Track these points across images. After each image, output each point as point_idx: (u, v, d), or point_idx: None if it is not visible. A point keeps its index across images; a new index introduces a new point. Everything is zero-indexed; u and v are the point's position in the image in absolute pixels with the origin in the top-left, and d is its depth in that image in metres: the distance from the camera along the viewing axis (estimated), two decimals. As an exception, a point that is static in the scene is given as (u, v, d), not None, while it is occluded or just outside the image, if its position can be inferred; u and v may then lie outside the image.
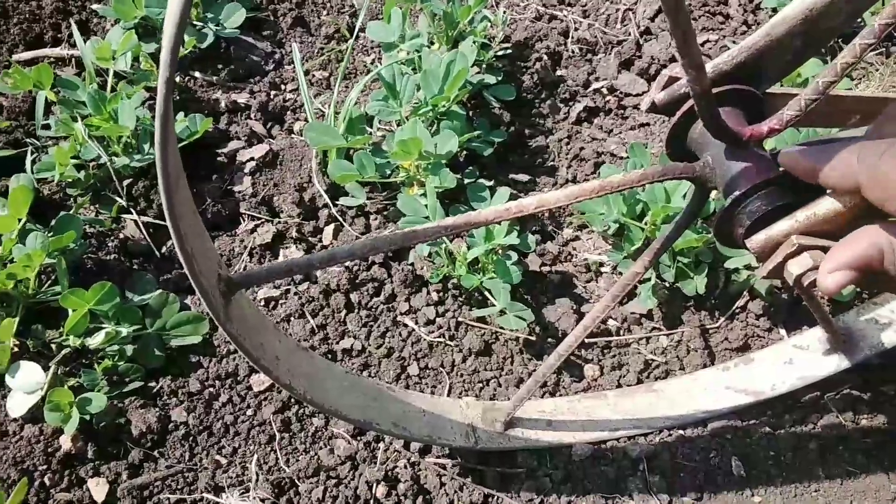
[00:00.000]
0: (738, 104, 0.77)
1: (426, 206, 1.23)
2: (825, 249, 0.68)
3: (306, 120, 1.44)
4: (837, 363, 1.14)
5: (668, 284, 1.24)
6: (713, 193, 0.89)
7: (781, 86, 0.89)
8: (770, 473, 1.10)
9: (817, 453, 1.12)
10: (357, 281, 1.23)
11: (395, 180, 1.32)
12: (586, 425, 1.13)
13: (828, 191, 0.69)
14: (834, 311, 1.23)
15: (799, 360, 1.16)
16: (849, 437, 1.14)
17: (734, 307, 1.26)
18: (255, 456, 1.04)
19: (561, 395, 1.17)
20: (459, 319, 1.21)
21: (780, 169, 0.72)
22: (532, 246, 1.28)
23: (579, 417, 1.13)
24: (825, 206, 0.68)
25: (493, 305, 1.18)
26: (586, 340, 1.21)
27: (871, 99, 0.96)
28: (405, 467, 1.04)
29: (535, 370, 1.19)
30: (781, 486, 1.09)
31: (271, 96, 1.53)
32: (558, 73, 1.65)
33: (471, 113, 1.50)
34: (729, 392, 1.16)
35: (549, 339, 1.21)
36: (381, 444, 1.07)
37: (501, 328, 1.19)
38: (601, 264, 1.30)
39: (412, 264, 1.25)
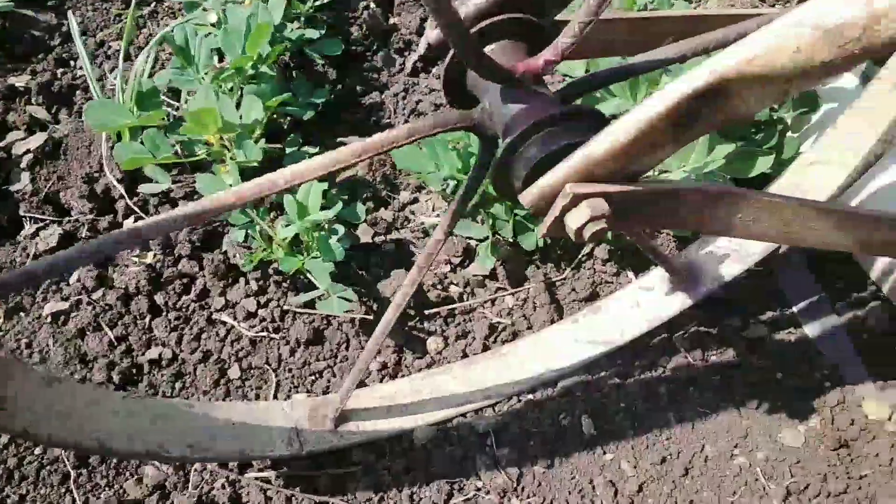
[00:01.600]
0: (516, 37, 0.67)
1: (231, 185, 1.09)
2: (609, 195, 0.59)
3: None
4: (682, 301, 1.09)
5: (508, 240, 1.16)
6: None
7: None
8: (621, 427, 1.05)
9: (668, 398, 1.08)
10: (162, 279, 1.09)
11: (202, 158, 1.17)
12: (430, 405, 1.05)
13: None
14: (680, 246, 1.18)
15: (645, 302, 1.11)
16: (698, 377, 1.10)
17: (580, 256, 1.19)
18: (48, 502, 0.91)
19: (404, 376, 1.09)
20: (285, 308, 1.10)
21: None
22: (362, 215, 1.16)
23: (423, 397, 1.05)
24: (602, 145, 0.59)
25: (319, 288, 1.07)
26: (427, 312, 1.12)
27: (685, 18, 0.88)
28: (223, 487, 0.94)
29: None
30: (633, 439, 1.04)
31: (57, 75, 1.33)
32: (390, 21, 1.51)
33: (293, 73, 1.36)
34: (579, 345, 1.10)
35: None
36: (196, 466, 0.95)
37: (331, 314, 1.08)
38: (438, 226, 1.20)
39: (225, 253, 1.12)
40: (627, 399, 1.08)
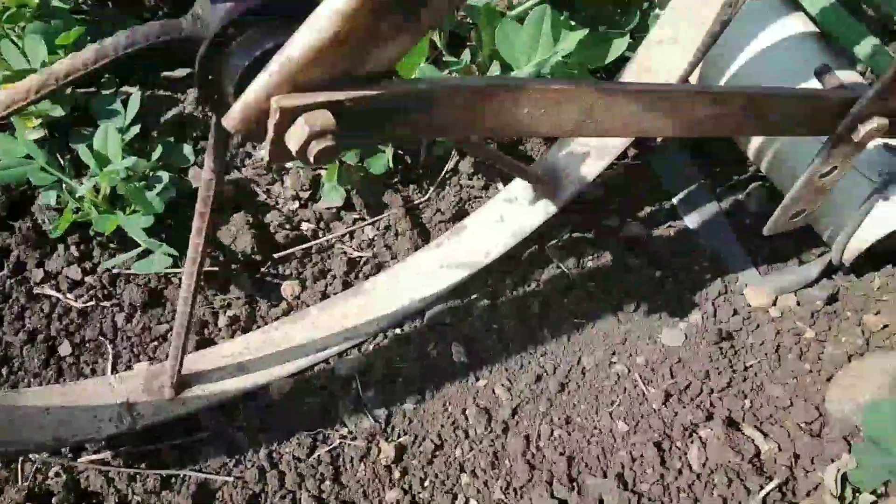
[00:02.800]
0: None
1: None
2: (336, 104, 0.48)
3: None
4: (546, 209, 1.01)
5: (360, 165, 1.05)
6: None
7: None
8: (493, 350, 0.99)
9: (541, 313, 1.02)
10: (-31, 258, 0.97)
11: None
12: (286, 355, 0.97)
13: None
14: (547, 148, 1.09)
15: (509, 215, 1.03)
16: (573, 286, 1.04)
17: (443, 172, 1.10)
18: None
19: (260, 327, 1.00)
20: (115, 271, 0.99)
21: None
22: (191, 157, 1.05)
23: (277, 348, 0.97)
24: (301, 45, 0.47)
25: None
26: (277, 256, 1.03)
27: None
28: (57, 476, 0.86)
29: (221, 309, 1.01)
30: (507, 362, 0.99)
31: None
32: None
33: (109, 4, 1.20)
34: (444, 271, 1.03)
35: (233, 266, 1.02)
36: (21, 458, 0.87)
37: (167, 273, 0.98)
38: (282, 159, 1.09)
39: (35, 219, 1.00)
40: (499, 320, 1.01)
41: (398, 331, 1.00)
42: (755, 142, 1.04)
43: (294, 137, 0.48)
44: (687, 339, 1.00)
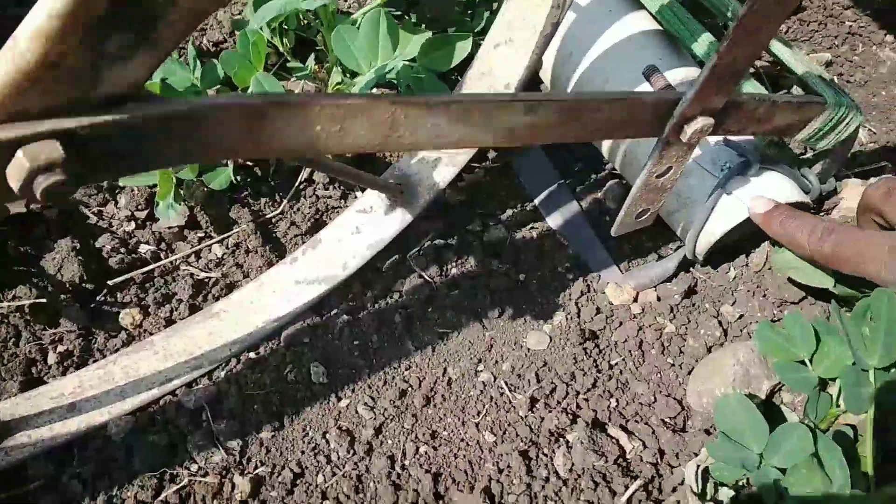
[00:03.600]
0: None
1: None
2: (65, 133, 0.42)
3: None
4: (402, 218, 0.98)
5: (197, 181, 0.99)
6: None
7: None
8: (355, 367, 0.95)
9: (404, 326, 0.98)
10: None
11: None
12: (127, 389, 0.89)
13: None
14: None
15: (365, 226, 0.99)
16: (436, 295, 1.01)
17: (297, 182, 1.04)
18: None
19: (96, 361, 0.92)
20: (-79, 311, 0.88)
21: None
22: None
23: (117, 383, 0.89)
24: (6, 69, 0.41)
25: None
26: (112, 283, 0.94)
27: None
28: None
29: (51, 345, 0.92)
30: (369, 378, 0.94)
31: None
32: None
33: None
34: (300, 287, 0.97)
35: (62, 296, 0.92)
36: None
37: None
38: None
39: None
40: (360, 336, 0.97)
41: (252, 355, 0.94)
42: (607, 141, 1.05)
43: (14, 174, 0.41)
44: (552, 342, 0.99)
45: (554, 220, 1.09)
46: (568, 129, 0.68)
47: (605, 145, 1.03)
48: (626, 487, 0.88)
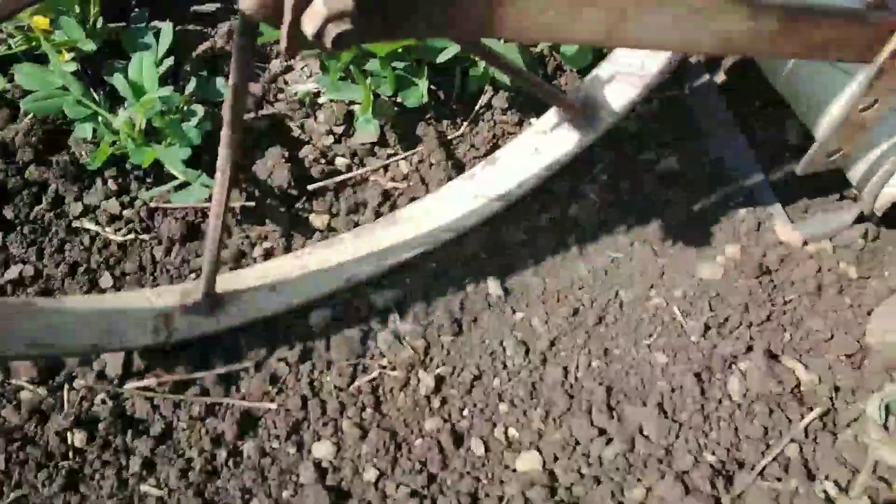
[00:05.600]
0: None
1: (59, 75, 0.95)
2: None
3: None
4: (580, 140, 1.00)
5: (393, 100, 1.04)
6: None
7: None
8: (531, 284, 0.99)
9: (578, 248, 1.01)
10: (9, 189, 0.97)
11: (21, 49, 1.02)
12: (319, 277, 0.96)
13: None
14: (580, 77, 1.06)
15: (543, 146, 1.02)
16: (610, 221, 1.03)
17: (477, 107, 1.08)
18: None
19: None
20: (152, 205, 0.99)
21: None
22: (224, 91, 1.04)
23: (310, 269, 0.97)
24: None
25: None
26: (312, 188, 1.02)
27: None
28: (103, 402, 0.87)
29: (258, 241, 1.01)
30: (543, 295, 0.98)
31: None
32: None
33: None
34: (477, 201, 1.02)
35: (269, 200, 1.01)
36: (67, 385, 0.88)
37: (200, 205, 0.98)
38: (317, 94, 1.08)
39: (72, 153, 1.00)
40: (536, 255, 1.01)
41: (434, 264, 1.00)
42: (784, 75, 1.01)
43: (311, 19, 0.47)
44: (725, 274, 1.00)
45: (726, 156, 1.07)
46: (783, 44, 0.68)
47: (781, 80, 1.00)
48: (802, 416, 0.88)
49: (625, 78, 0.97)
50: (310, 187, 1.02)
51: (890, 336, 0.91)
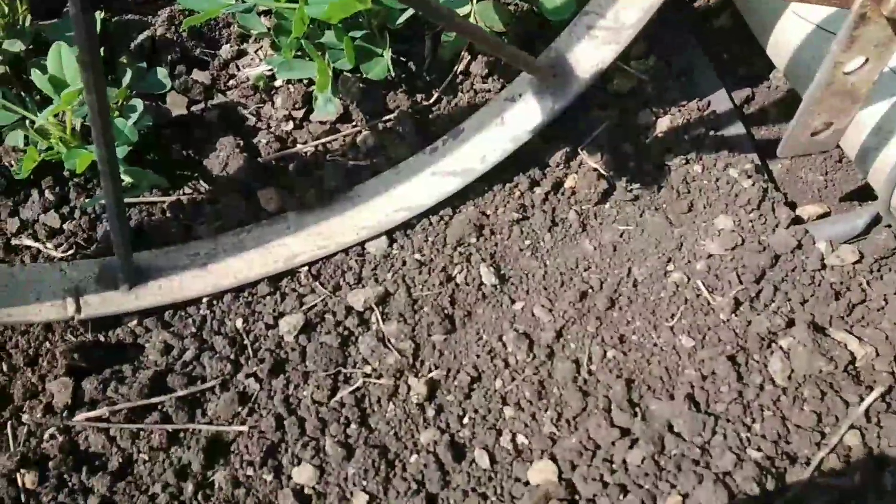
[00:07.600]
0: None
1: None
2: None
3: None
4: (550, 108, 0.87)
5: (359, 76, 0.92)
6: None
7: None
8: (528, 268, 0.86)
9: (579, 223, 0.88)
10: (-68, 213, 0.87)
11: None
12: (257, 259, 0.86)
13: None
14: (550, 38, 0.93)
15: (510, 116, 0.89)
16: (614, 190, 0.90)
17: (452, 74, 0.96)
18: None
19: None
20: (93, 215, 0.88)
21: None
22: (167, 83, 0.93)
23: (247, 250, 0.86)
24: None
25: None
26: (272, 165, 0.90)
27: None
28: (52, 438, 0.76)
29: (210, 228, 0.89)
30: (544, 280, 0.86)
31: None
32: None
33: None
34: (436, 178, 0.89)
35: (224, 193, 0.90)
36: (13, 421, 0.77)
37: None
38: (272, 78, 0.96)
39: (2, 164, 0.89)
40: (532, 235, 0.88)
41: (417, 255, 0.88)
42: (774, 38, 0.88)
43: None
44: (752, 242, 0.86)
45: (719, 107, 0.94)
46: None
47: (772, 45, 0.87)
48: (861, 398, 0.75)
49: (598, 34, 0.84)
50: (260, 160, 0.90)
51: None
